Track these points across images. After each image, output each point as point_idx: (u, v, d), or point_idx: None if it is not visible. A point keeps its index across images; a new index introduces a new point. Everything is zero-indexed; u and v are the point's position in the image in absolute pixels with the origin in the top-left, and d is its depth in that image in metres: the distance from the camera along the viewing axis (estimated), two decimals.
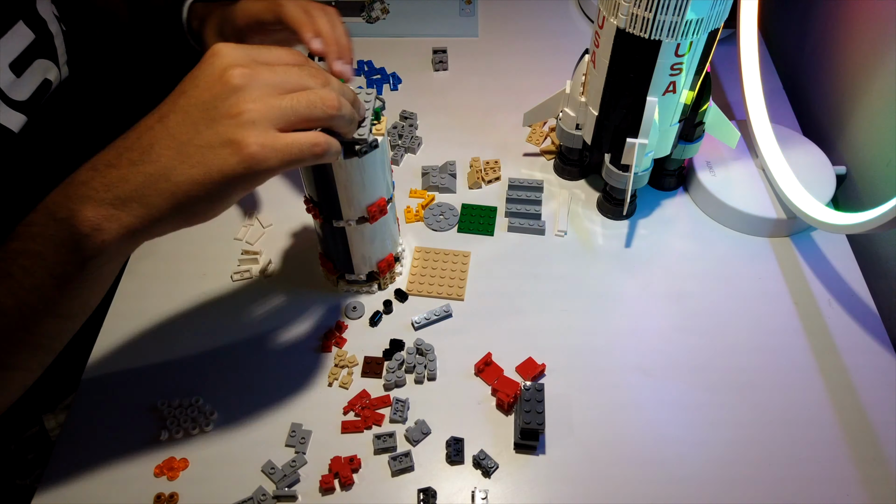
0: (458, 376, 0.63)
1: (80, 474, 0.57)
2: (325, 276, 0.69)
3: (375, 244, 0.64)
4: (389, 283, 0.69)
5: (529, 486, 0.56)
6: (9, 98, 0.64)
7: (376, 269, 0.66)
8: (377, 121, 0.56)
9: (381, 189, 0.59)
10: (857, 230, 0.58)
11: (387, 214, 0.62)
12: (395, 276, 0.69)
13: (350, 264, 0.65)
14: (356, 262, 0.64)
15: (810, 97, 0.87)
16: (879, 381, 0.62)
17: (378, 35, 0.97)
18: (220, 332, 0.66)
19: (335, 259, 0.65)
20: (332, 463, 0.57)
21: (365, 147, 0.54)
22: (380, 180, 0.59)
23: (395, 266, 0.68)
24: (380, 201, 0.60)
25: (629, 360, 0.64)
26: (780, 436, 0.59)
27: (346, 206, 0.59)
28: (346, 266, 0.65)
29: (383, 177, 0.59)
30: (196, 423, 0.59)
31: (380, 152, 0.56)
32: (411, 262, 0.70)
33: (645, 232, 0.74)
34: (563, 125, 0.73)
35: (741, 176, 0.75)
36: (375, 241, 0.63)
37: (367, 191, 0.58)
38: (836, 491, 0.56)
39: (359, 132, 0.53)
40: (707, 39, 0.59)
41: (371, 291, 0.68)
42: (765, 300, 0.68)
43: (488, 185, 0.78)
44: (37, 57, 0.68)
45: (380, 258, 0.65)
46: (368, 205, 0.59)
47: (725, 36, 0.91)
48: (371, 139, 0.54)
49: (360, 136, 0.53)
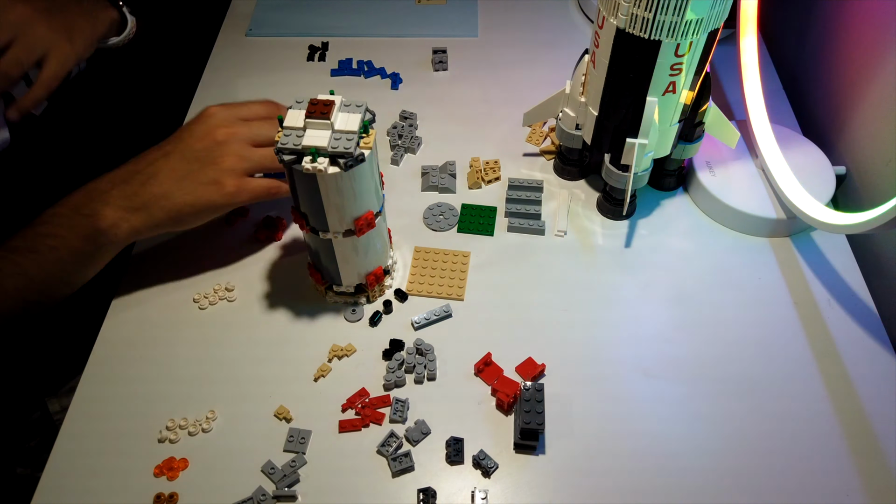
0: (457, 376, 0.63)
1: (80, 474, 0.57)
2: (314, 287, 0.68)
3: (363, 257, 0.63)
4: (379, 296, 0.68)
5: (529, 486, 0.56)
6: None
7: (364, 282, 0.65)
8: (365, 134, 0.55)
9: (368, 202, 0.58)
10: (856, 230, 0.58)
11: (375, 228, 0.61)
12: (385, 290, 0.68)
13: (338, 276, 0.64)
14: (344, 274, 0.64)
15: (810, 97, 0.87)
16: (879, 381, 0.62)
17: (378, 35, 0.97)
18: (221, 332, 0.66)
19: (322, 270, 0.65)
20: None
21: (350, 161, 0.53)
22: (367, 193, 0.58)
23: (385, 279, 0.67)
24: (367, 214, 0.59)
25: (629, 360, 0.64)
26: (780, 435, 0.59)
27: (333, 219, 0.58)
28: (334, 278, 0.65)
29: (371, 190, 0.58)
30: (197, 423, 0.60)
31: (367, 166, 0.55)
32: (411, 262, 0.70)
33: (645, 232, 0.74)
34: (562, 125, 0.73)
35: (741, 176, 0.75)
36: (363, 253, 0.62)
37: (353, 204, 0.57)
38: (835, 491, 0.56)
39: (344, 146, 0.53)
40: (707, 39, 0.59)
41: (359, 303, 0.67)
42: (764, 300, 0.68)
43: (488, 185, 0.78)
44: None
45: (368, 271, 0.64)
46: (355, 218, 0.58)
47: (725, 36, 0.91)
48: (357, 153, 0.54)
49: (346, 150, 0.53)
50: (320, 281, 0.66)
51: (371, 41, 0.96)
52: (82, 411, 0.61)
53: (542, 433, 0.56)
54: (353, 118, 0.54)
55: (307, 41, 0.95)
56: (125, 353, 0.65)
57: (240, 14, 1.00)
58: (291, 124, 0.54)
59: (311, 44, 0.95)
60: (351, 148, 0.53)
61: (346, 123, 0.54)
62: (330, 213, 0.57)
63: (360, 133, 0.54)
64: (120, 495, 0.56)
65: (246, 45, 0.95)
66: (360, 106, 0.55)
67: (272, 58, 0.93)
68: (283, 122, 0.54)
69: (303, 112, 0.54)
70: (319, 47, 0.95)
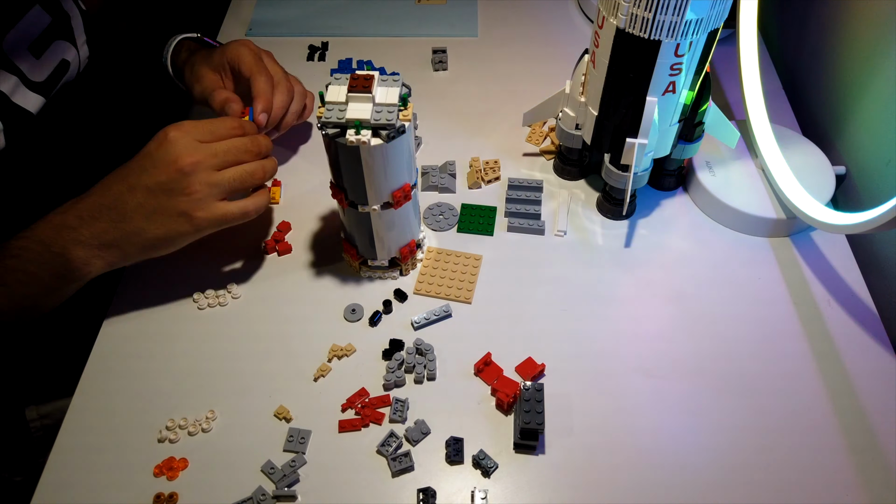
0: (457, 376, 0.63)
1: (80, 474, 0.57)
2: (348, 262, 0.69)
3: (398, 230, 0.64)
4: (411, 270, 0.69)
5: (529, 486, 0.56)
6: (29, 80, 0.68)
7: (398, 255, 0.67)
8: (403, 107, 0.57)
9: (406, 174, 0.60)
10: (856, 230, 0.58)
11: (410, 200, 0.63)
12: (417, 263, 0.70)
13: (373, 250, 0.65)
14: (379, 247, 0.65)
15: (810, 97, 0.87)
16: (879, 381, 0.62)
17: (378, 35, 0.97)
18: (221, 332, 0.66)
19: (358, 244, 0.66)
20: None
21: (392, 132, 0.55)
22: (405, 166, 0.59)
23: (417, 252, 0.69)
24: (405, 187, 0.60)
25: (628, 360, 0.64)
26: (780, 435, 0.59)
27: (372, 191, 0.59)
28: (369, 251, 0.66)
29: (408, 162, 0.60)
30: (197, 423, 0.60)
31: (406, 137, 0.57)
32: (422, 261, 0.71)
33: (644, 232, 0.74)
34: (562, 125, 0.73)
35: (741, 176, 0.75)
36: (398, 226, 0.64)
37: (392, 176, 0.59)
38: (835, 490, 0.56)
39: (386, 118, 0.54)
40: (707, 39, 0.59)
41: (393, 277, 0.69)
42: (764, 300, 0.68)
43: (488, 185, 0.78)
44: (55, 38, 0.71)
45: (402, 244, 0.66)
46: (393, 190, 0.60)
47: (725, 36, 0.91)
48: (398, 124, 0.55)
49: (389, 122, 0.54)
50: (355, 256, 0.67)
51: (371, 41, 0.96)
52: (82, 411, 0.61)
53: (541, 433, 0.56)
54: (393, 91, 0.57)
55: (307, 41, 0.95)
56: (124, 353, 0.65)
57: (240, 14, 1.00)
58: (333, 99, 0.56)
59: (311, 43, 0.95)
60: (392, 120, 0.55)
61: (386, 97, 0.57)
62: (370, 185, 0.59)
63: (399, 105, 0.56)
64: (120, 495, 0.56)
65: None
66: (396, 80, 0.57)
67: None
68: (324, 98, 0.57)
69: (344, 87, 0.56)
70: (319, 47, 0.95)
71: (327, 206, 0.75)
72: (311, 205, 0.75)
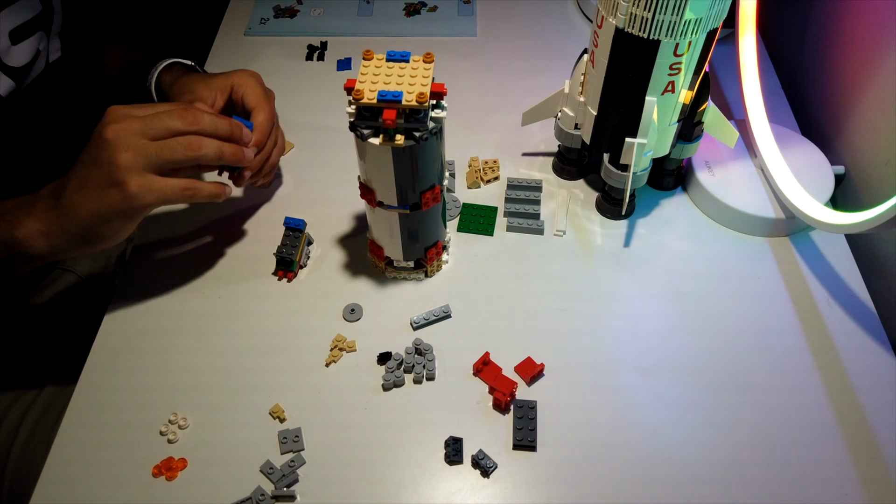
0: (456, 376, 0.63)
1: (79, 474, 0.57)
2: (374, 263, 0.69)
3: (426, 231, 0.64)
4: (436, 272, 0.69)
5: (528, 485, 0.56)
6: (2, 62, 0.67)
7: (424, 257, 0.66)
8: (437, 108, 0.56)
9: (435, 176, 0.60)
10: (855, 230, 0.58)
11: (439, 202, 0.62)
12: (442, 265, 0.70)
13: (400, 251, 0.65)
14: (405, 248, 0.65)
15: (809, 97, 0.87)
16: (878, 381, 0.62)
17: (378, 35, 0.97)
18: (219, 332, 0.66)
19: (385, 245, 0.66)
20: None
21: (426, 134, 0.55)
22: (435, 167, 0.59)
23: (443, 254, 0.69)
24: (435, 189, 0.60)
25: (628, 360, 0.64)
26: (779, 435, 0.59)
27: (401, 193, 0.59)
28: (396, 252, 0.66)
29: (439, 164, 0.60)
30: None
31: (437, 139, 0.57)
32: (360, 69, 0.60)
33: (644, 232, 0.74)
34: (561, 125, 0.73)
35: (740, 176, 0.75)
36: (426, 228, 0.64)
37: (423, 177, 0.59)
38: (834, 490, 0.56)
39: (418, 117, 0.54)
40: (706, 39, 0.59)
41: (418, 279, 0.69)
42: (763, 300, 0.68)
43: (487, 184, 0.78)
44: (38, 29, 0.71)
45: (429, 245, 0.66)
46: (423, 191, 0.60)
47: (724, 36, 0.91)
48: (431, 126, 0.55)
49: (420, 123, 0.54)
50: (382, 257, 0.67)
51: (371, 41, 0.96)
52: (80, 411, 0.61)
53: (534, 450, 0.57)
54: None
55: (306, 41, 0.95)
56: (123, 353, 0.64)
57: (238, 13, 1.00)
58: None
59: (310, 43, 0.95)
60: (425, 121, 0.54)
61: None
62: (399, 186, 0.58)
63: (430, 107, 0.55)
64: (119, 495, 0.56)
65: (245, 44, 0.95)
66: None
67: (271, 57, 0.93)
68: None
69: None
70: (318, 47, 0.94)
71: (333, 207, 0.75)
72: (314, 204, 0.75)
